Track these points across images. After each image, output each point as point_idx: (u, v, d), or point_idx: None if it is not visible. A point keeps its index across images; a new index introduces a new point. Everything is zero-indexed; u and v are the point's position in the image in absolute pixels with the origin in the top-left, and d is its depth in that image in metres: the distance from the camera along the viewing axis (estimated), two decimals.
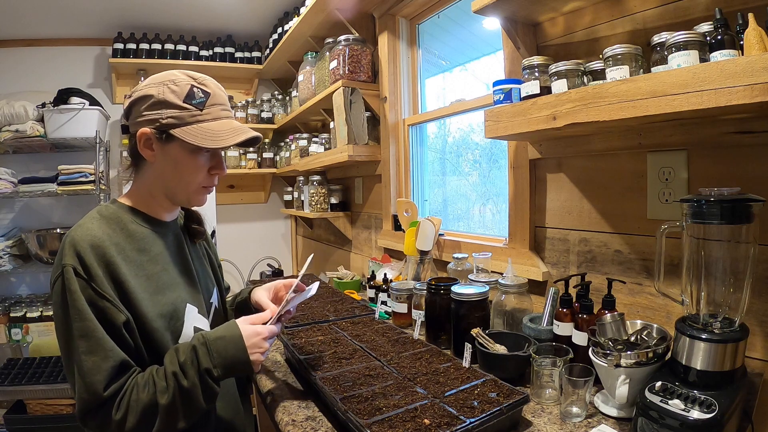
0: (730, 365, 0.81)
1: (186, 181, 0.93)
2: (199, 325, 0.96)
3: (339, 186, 2.72)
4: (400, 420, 0.84)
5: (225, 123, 0.92)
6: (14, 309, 2.74)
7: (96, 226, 0.86)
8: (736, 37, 0.81)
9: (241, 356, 0.86)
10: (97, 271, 0.81)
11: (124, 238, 0.89)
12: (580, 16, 1.26)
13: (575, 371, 0.96)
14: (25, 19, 2.78)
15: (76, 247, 0.81)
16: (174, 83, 0.88)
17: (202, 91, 0.89)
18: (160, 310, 0.89)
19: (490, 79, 1.64)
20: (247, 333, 0.88)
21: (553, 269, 1.39)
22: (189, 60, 3.12)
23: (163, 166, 0.92)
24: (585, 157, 1.28)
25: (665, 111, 0.81)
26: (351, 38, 2.18)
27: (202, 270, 1.08)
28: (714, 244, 0.85)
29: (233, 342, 0.86)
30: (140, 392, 0.80)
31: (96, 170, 2.70)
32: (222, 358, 0.84)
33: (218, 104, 0.92)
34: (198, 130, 0.88)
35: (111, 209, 0.93)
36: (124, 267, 0.85)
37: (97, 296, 0.80)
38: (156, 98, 0.88)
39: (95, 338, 0.78)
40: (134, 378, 0.82)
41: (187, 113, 0.88)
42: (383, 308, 1.65)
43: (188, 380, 0.81)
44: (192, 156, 0.91)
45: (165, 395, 0.80)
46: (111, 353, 0.79)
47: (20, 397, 2.41)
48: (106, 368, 0.78)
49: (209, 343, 0.85)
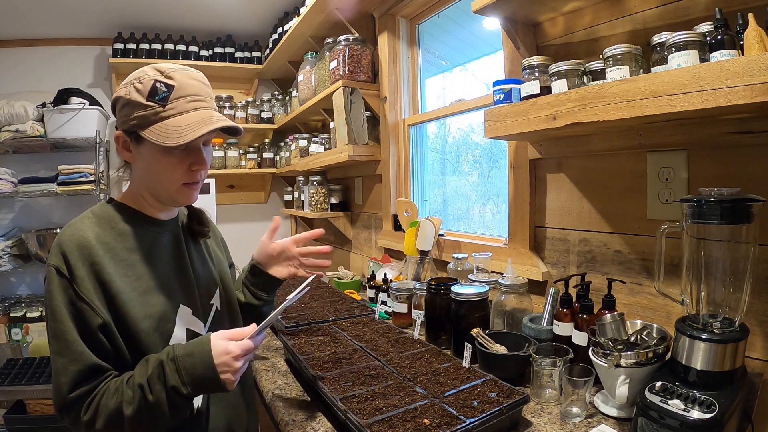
0: (730, 365, 0.81)
1: (163, 180, 0.90)
2: (192, 327, 0.94)
3: (339, 186, 2.72)
4: (400, 420, 0.84)
5: (191, 116, 0.85)
6: (14, 309, 2.74)
7: (86, 226, 0.85)
8: (736, 37, 0.81)
9: (210, 375, 0.81)
10: (80, 272, 0.80)
11: (115, 237, 0.87)
12: (580, 16, 1.26)
13: (575, 371, 0.96)
14: (25, 19, 2.78)
15: (62, 247, 0.81)
16: (139, 81, 0.85)
17: (165, 85, 0.84)
18: (149, 311, 0.86)
19: (490, 79, 1.64)
20: (217, 351, 0.82)
21: (553, 269, 1.39)
22: (189, 60, 3.12)
23: (141, 166, 0.91)
24: (585, 157, 1.28)
25: (665, 111, 0.81)
26: (351, 38, 2.18)
27: (204, 270, 1.04)
28: (714, 244, 0.85)
29: (202, 360, 0.81)
30: (109, 398, 0.79)
31: (96, 170, 2.70)
32: (191, 377, 0.80)
33: (185, 96, 0.86)
34: (162, 127, 0.84)
35: (105, 208, 0.92)
36: (111, 267, 0.84)
37: (77, 297, 0.79)
38: (124, 99, 0.86)
39: (66, 340, 0.78)
40: (107, 382, 0.81)
41: (150, 111, 0.84)
42: (383, 308, 1.65)
43: (153, 395, 0.79)
44: (164, 156, 0.87)
45: (130, 406, 0.78)
46: (80, 356, 0.78)
47: (20, 397, 2.41)
48: (72, 371, 0.78)
49: (178, 359, 0.81)
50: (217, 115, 0.89)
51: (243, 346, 0.84)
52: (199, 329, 0.95)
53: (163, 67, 0.87)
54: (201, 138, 0.86)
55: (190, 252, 1.02)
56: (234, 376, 0.82)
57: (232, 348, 0.83)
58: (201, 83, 0.90)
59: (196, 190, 0.95)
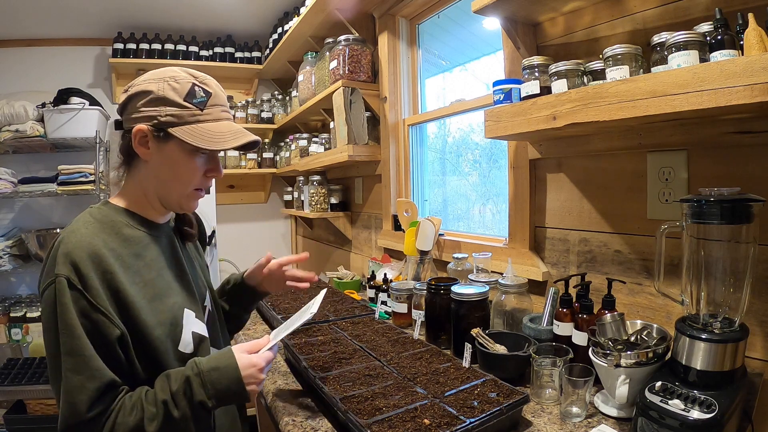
0: (730, 365, 0.81)
1: (181, 182, 0.89)
2: (196, 330, 0.93)
3: (339, 186, 2.72)
4: (400, 420, 0.84)
5: (225, 125, 0.89)
6: (14, 309, 2.74)
7: (91, 232, 0.82)
8: (736, 37, 0.81)
9: (235, 388, 0.82)
10: (93, 282, 0.76)
11: (120, 244, 0.84)
12: (580, 16, 1.26)
13: (575, 371, 0.96)
14: (25, 19, 2.78)
15: (72, 256, 0.76)
16: (175, 80, 0.85)
17: (204, 91, 0.86)
18: (160, 318, 0.85)
19: (490, 79, 1.64)
20: (243, 364, 0.83)
21: (553, 269, 1.39)
22: (189, 60, 3.12)
23: (158, 165, 0.88)
24: (585, 157, 1.28)
25: (665, 111, 0.81)
26: (351, 38, 2.18)
27: (195, 273, 1.04)
28: (714, 244, 0.85)
29: (228, 373, 0.82)
30: (127, 415, 0.76)
31: (96, 170, 2.70)
32: (216, 390, 0.80)
33: (219, 105, 0.89)
34: (197, 130, 0.85)
35: (104, 212, 0.88)
36: (122, 275, 0.81)
37: (91, 308, 0.76)
38: (155, 94, 0.84)
39: (83, 356, 0.74)
40: (122, 399, 0.78)
41: (187, 112, 0.84)
42: (383, 308, 1.65)
43: (179, 410, 0.78)
44: (189, 157, 0.87)
45: (153, 423, 0.76)
46: (98, 373, 0.75)
47: (20, 397, 2.41)
48: (91, 388, 0.74)
49: (203, 374, 0.81)
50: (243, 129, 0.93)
51: (266, 358, 0.87)
52: (203, 331, 0.95)
53: (194, 72, 0.90)
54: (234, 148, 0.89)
55: (183, 255, 1.01)
56: (259, 387, 0.85)
57: (257, 361, 0.85)
58: (225, 95, 0.94)
59: (200, 198, 0.96)
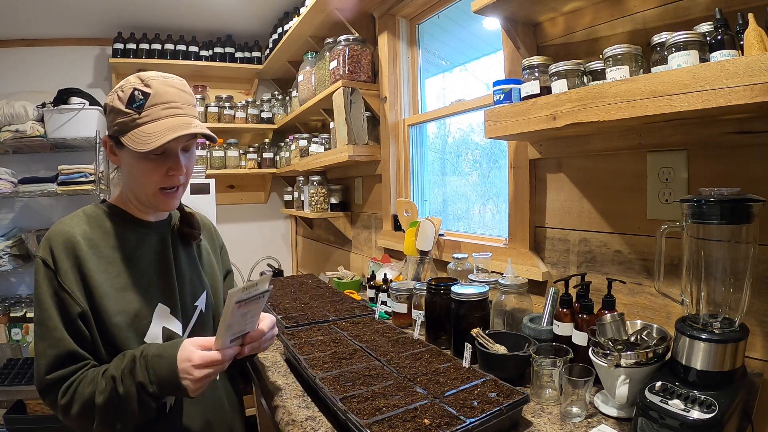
0: (730, 365, 0.81)
1: (141, 183, 0.94)
2: (169, 326, 0.96)
3: (339, 186, 2.72)
4: (400, 420, 0.84)
5: (163, 123, 0.88)
6: (14, 309, 2.74)
7: (74, 223, 0.92)
8: (736, 37, 0.81)
9: (172, 379, 0.83)
10: (63, 264, 0.87)
11: (101, 236, 0.94)
12: (580, 16, 1.26)
13: (575, 371, 0.96)
14: (25, 19, 2.78)
15: (50, 242, 0.89)
16: (121, 89, 0.90)
17: (142, 93, 0.89)
18: (123, 307, 0.90)
19: (490, 79, 1.64)
20: (181, 357, 0.84)
21: (553, 269, 1.39)
22: (189, 60, 3.12)
23: (124, 170, 0.97)
24: (585, 157, 1.28)
25: (665, 111, 0.81)
26: (351, 38, 2.18)
27: (191, 272, 1.05)
28: (714, 244, 0.85)
29: (168, 363, 0.83)
30: (85, 386, 0.84)
31: (96, 170, 2.70)
32: (156, 376, 0.83)
33: (160, 104, 0.89)
34: (136, 134, 0.88)
35: (95, 208, 0.98)
36: (92, 263, 0.89)
37: (60, 287, 0.86)
38: (109, 106, 0.92)
39: (47, 326, 0.85)
40: (85, 371, 0.86)
41: (128, 118, 0.89)
42: (383, 308, 1.65)
43: (124, 388, 0.82)
44: (140, 160, 0.91)
45: (102, 396, 0.82)
46: (58, 342, 0.84)
47: (20, 397, 2.42)
48: (50, 355, 0.84)
49: (148, 357, 0.84)
50: (190, 122, 0.91)
51: (205, 357, 0.83)
52: (176, 328, 0.98)
53: (144, 75, 0.91)
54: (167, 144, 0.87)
55: (178, 253, 1.04)
56: (194, 384, 0.83)
57: (194, 357, 0.83)
58: (179, 90, 0.92)
59: (174, 197, 0.98)
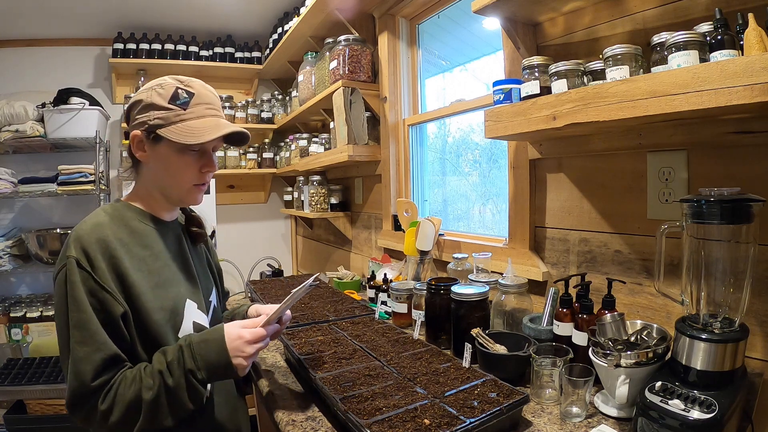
0: (730, 365, 0.81)
1: (177, 179, 0.97)
2: (198, 321, 0.99)
3: (339, 186, 2.72)
4: (400, 420, 0.84)
5: (208, 120, 0.94)
6: (14, 309, 2.74)
7: (101, 223, 0.90)
8: (736, 37, 0.81)
9: (222, 360, 0.86)
10: (100, 264, 0.84)
11: (128, 235, 0.93)
12: (580, 16, 1.26)
13: (575, 371, 0.96)
14: (25, 19, 2.78)
15: (81, 241, 0.85)
16: (161, 87, 0.93)
17: (186, 92, 0.94)
18: (161, 304, 0.91)
19: (490, 79, 1.64)
20: (230, 336, 0.88)
21: (553, 269, 1.39)
22: (189, 60, 3.12)
23: (155, 166, 0.97)
24: (585, 157, 1.28)
25: (665, 111, 0.81)
26: (351, 38, 2.18)
27: (202, 269, 1.12)
28: (714, 244, 0.85)
29: (216, 345, 0.87)
30: (127, 387, 0.82)
31: (96, 170, 2.70)
32: (204, 361, 0.85)
33: (203, 104, 0.95)
34: (182, 128, 0.92)
35: (115, 207, 0.97)
36: (127, 261, 0.89)
37: (98, 287, 0.83)
38: (144, 102, 0.93)
39: (89, 330, 0.81)
40: (123, 373, 0.84)
41: (171, 113, 0.92)
42: (383, 308, 1.65)
43: (173, 379, 0.83)
44: (180, 155, 0.95)
45: (150, 391, 0.82)
46: (103, 346, 0.82)
47: (20, 397, 2.41)
48: (96, 359, 0.81)
49: (193, 345, 0.86)
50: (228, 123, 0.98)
51: (255, 333, 0.90)
52: (205, 322, 1.02)
53: (183, 77, 0.97)
54: (215, 140, 0.94)
55: (191, 251, 1.09)
56: (246, 361, 0.87)
57: (244, 333, 0.88)
58: (214, 95, 0.99)
59: (203, 192, 1.02)
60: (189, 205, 1.06)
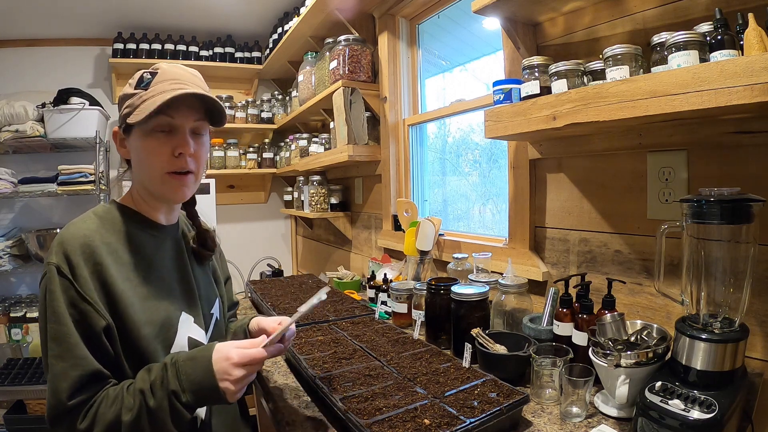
0: (730, 365, 0.81)
1: (148, 166, 0.86)
2: (194, 336, 0.91)
3: (339, 186, 2.72)
4: (400, 420, 0.84)
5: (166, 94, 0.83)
6: (14, 309, 2.74)
7: (88, 225, 0.83)
8: (736, 37, 0.81)
9: (208, 382, 0.76)
10: (82, 272, 0.77)
11: (118, 239, 0.85)
12: (580, 16, 1.26)
13: (575, 371, 0.96)
14: (25, 19, 2.78)
15: (64, 246, 0.78)
16: (133, 78, 0.89)
17: (150, 73, 0.87)
18: (151, 317, 0.83)
19: (490, 79, 1.63)
20: (218, 356, 0.77)
21: (553, 269, 1.39)
22: (189, 60, 3.12)
23: (133, 160, 0.90)
24: (585, 157, 1.28)
25: (665, 111, 0.81)
26: (351, 38, 2.18)
27: (204, 279, 1.02)
28: (714, 244, 0.85)
29: (202, 365, 0.77)
30: (108, 407, 0.75)
31: (96, 170, 2.70)
32: (190, 382, 0.76)
33: (167, 80, 0.85)
34: (140, 109, 0.83)
35: (106, 208, 0.89)
36: (114, 269, 0.81)
37: (79, 298, 0.76)
38: (120, 97, 0.90)
39: (67, 344, 0.74)
40: (106, 390, 0.77)
41: (136, 98, 0.85)
42: (383, 308, 1.65)
43: (155, 400, 0.75)
44: (147, 139, 0.85)
45: (129, 412, 0.74)
46: (82, 361, 0.75)
47: (20, 397, 2.41)
48: (73, 376, 0.74)
49: (179, 363, 0.78)
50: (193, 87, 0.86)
51: (244, 355, 0.78)
52: (201, 338, 0.93)
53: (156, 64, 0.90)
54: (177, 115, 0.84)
55: (192, 260, 1.00)
56: (234, 385, 0.77)
57: (232, 354, 0.78)
58: (189, 73, 0.89)
59: (185, 184, 0.89)
60: (171, 200, 0.92)
